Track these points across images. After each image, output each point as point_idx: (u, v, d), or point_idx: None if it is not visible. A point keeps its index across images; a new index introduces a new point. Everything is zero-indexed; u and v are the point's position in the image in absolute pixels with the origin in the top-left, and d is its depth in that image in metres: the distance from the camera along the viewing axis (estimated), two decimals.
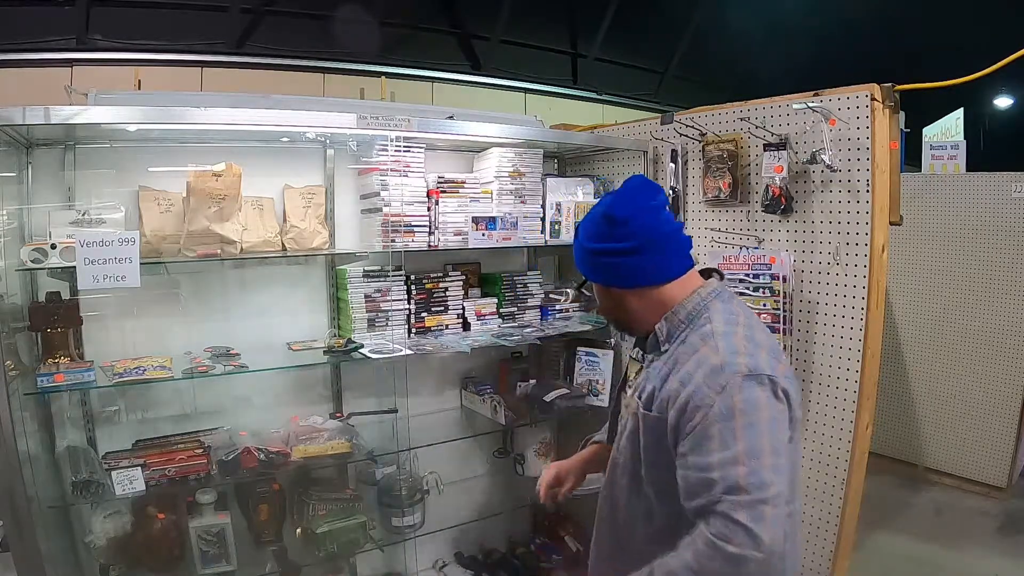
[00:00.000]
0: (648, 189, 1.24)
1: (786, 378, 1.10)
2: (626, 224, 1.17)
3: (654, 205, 1.20)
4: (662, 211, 1.21)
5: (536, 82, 6.28)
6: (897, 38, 6.65)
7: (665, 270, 1.20)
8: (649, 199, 1.21)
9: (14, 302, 1.80)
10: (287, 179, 2.23)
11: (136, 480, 1.75)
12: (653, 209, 1.20)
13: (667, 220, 1.21)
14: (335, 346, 2.13)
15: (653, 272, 1.20)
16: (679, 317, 1.19)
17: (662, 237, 1.19)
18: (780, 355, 1.16)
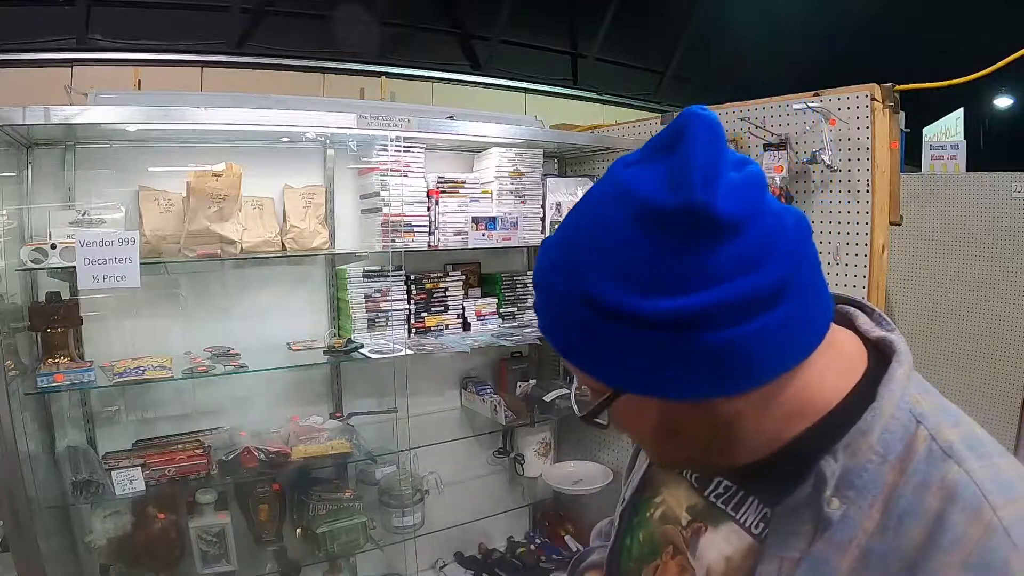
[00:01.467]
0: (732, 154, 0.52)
1: None
2: (750, 231, 0.49)
3: (764, 183, 0.52)
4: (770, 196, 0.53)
5: (536, 82, 6.28)
6: (897, 38, 6.65)
7: (815, 329, 0.54)
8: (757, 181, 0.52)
9: (14, 302, 1.80)
10: (287, 179, 2.23)
11: (136, 480, 1.75)
12: (767, 193, 0.52)
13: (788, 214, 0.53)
14: (335, 346, 2.13)
15: (801, 338, 0.53)
16: (870, 441, 0.52)
17: (810, 257, 0.53)
18: None
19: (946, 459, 0.50)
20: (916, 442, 0.52)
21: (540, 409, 2.44)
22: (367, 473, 2.28)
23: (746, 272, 0.47)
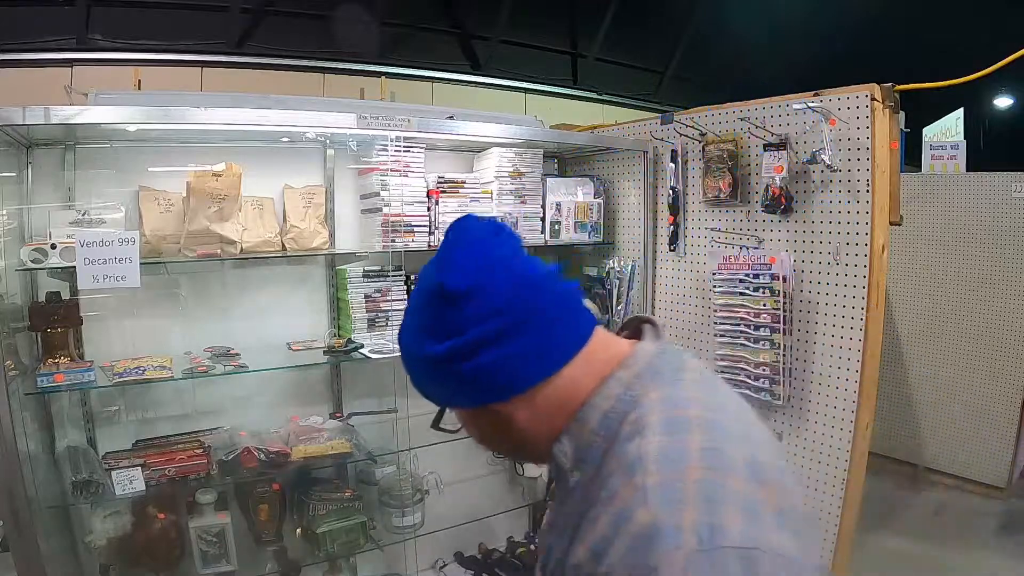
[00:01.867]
0: (489, 231, 0.75)
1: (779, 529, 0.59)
2: (477, 296, 0.69)
3: (506, 253, 0.73)
4: (521, 257, 0.74)
5: (536, 82, 6.28)
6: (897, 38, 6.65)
7: (558, 349, 0.72)
8: (496, 246, 0.73)
9: (14, 302, 1.80)
10: (287, 179, 2.23)
11: (136, 480, 1.75)
12: (507, 260, 0.72)
13: (535, 269, 0.73)
14: (335, 346, 2.13)
15: (540, 359, 0.71)
16: (589, 426, 0.70)
17: (540, 300, 0.71)
18: (770, 482, 0.63)
19: (635, 436, 0.65)
20: (626, 424, 0.67)
21: None
22: (367, 473, 2.28)
23: (476, 324, 0.69)
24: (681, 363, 0.74)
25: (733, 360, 2.11)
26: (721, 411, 0.69)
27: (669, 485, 0.59)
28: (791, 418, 2.04)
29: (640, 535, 0.57)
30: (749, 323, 2.05)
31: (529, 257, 0.75)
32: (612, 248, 2.64)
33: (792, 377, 2.01)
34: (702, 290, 2.31)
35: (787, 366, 2.00)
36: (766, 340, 2.02)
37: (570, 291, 0.75)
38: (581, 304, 0.75)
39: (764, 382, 2.04)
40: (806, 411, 2.00)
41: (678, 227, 2.37)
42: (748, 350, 2.06)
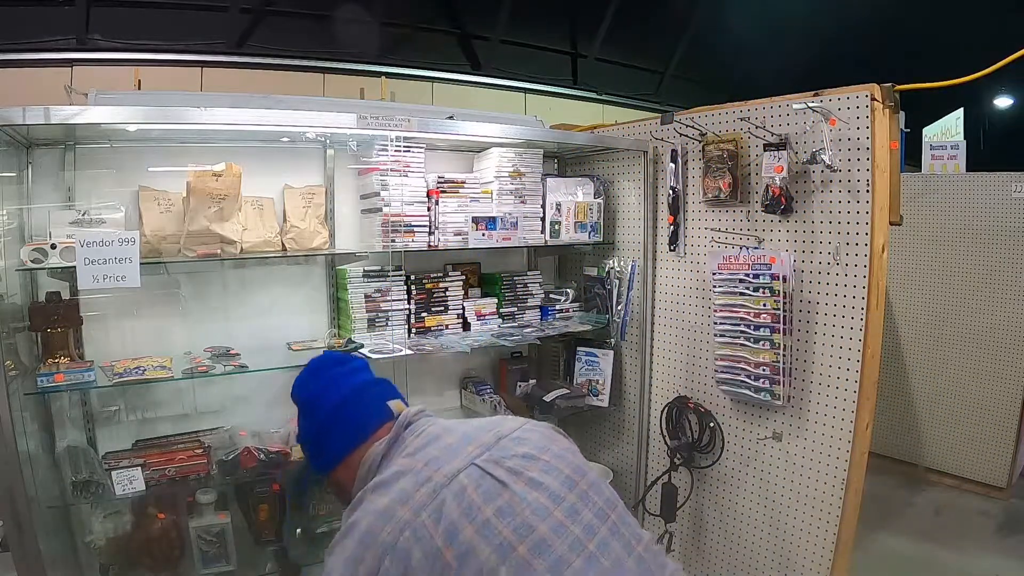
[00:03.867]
0: (326, 364, 1.23)
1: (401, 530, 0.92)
2: (310, 407, 1.18)
3: (335, 374, 1.19)
4: (347, 376, 1.19)
5: (536, 82, 6.29)
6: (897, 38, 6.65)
7: (350, 436, 1.13)
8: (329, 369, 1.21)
9: (14, 302, 1.80)
10: (287, 179, 2.23)
11: (136, 480, 1.75)
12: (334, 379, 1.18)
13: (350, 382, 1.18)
14: (335, 346, 2.13)
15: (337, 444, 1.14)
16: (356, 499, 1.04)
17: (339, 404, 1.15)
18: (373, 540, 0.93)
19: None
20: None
21: (540, 409, 2.44)
22: None
23: (307, 428, 1.18)
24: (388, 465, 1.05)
25: (733, 360, 2.11)
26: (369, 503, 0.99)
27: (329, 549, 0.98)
28: (791, 418, 2.04)
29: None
30: (749, 323, 2.05)
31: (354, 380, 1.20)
32: (612, 248, 2.64)
33: (792, 377, 2.01)
34: (702, 290, 2.31)
35: (787, 366, 2.00)
36: (766, 340, 2.02)
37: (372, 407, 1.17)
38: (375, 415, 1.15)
39: (764, 382, 2.04)
40: (806, 411, 2.00)
41: (678, 227, 2.38)
42: (748, 350, 2.06)
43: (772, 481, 2.11)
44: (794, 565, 2.05)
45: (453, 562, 0.88)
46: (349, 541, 0.94)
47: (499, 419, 1.11)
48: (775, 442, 2.08)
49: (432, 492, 0.94)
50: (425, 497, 0.94)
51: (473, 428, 1.07)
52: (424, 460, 1.00)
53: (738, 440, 2.20)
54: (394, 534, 0.91)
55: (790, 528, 2.06)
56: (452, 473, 0.96)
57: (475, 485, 0.95)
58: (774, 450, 2.09)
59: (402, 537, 0.91)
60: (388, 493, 0.97)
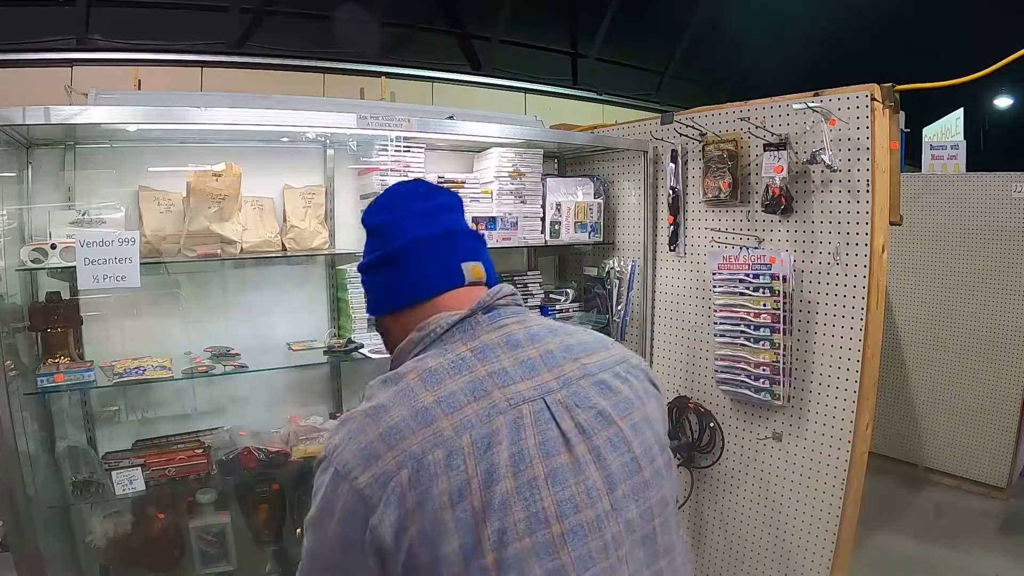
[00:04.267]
0: (414, 193, 0.99)
1: (379, 482, 0.73)
2: (376, 233, 0.97)
3: (415, 210, 0.96)
4: (426, 217, 0.96)
5: (536, 82, 6.28)
6: (897, 37, 6.65)
7: (406, 291, 0.93)
8: (411, 202, 0.97)
9: (14, 302, 1.80)
10: (287, 179, 2.23)
11: (136, 480, 1.75)
12: (412, 216, 0.95)
13: (427, 225, 0.95)
14: (335, 346, 2.13)
15: (393, 294, 0.94)
16: (396, 361, 0.92)
17: (406, 248, 0.92)
18: (400, 441, 0.75)
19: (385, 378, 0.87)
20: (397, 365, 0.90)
21: None
22: None
23: (373, 252, 0.96)
24: (448, 346, 0.86)
25: (733, 360, 2.11)
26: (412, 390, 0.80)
27: (349, 415, 0.83)
28: (791, 418, 2.04)
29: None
30: (749, 323, 2.05)
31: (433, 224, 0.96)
32: (612, 248, 2.64)
33: (792, 377, 2.01)
34: (702, 290, 2.31)
35: (787, 366, 2.00)
36: (766, 340, 2.02)
37: (439, 264, 0.94)
38: (440, 277, 0.93)
39: (764, 382, 2.04)
40: (806, 411, 2.00)
41: (678, 227, 2.37)
42: (748, 350, 2.06)
43: (772, 481, 2.11)
44: (794, 565, 2.05)
45: (481, 511, 0.72)
46: (371, 428, 0.77)
47: (594, 342, 0.91)
48: (775, 442, 2.08)
49: (486, 414, 0.77)
50: (476, 417, 0.76)
51: (560, 346, 0.87)
52: (490, 367, 0.81)
53: (738, 440, 2.20)
54: (424, 446, 0.74)
55: (790, 528, 2.06)
56: (516, 399, 0.79)
57: (537, 428, 0.78)
58: (774, 450, 2.09)
59: (432, 455, 0.73)
60: (435, 390, 0.78)
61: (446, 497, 0.72)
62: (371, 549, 0.73)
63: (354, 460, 0.76)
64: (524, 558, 0.73)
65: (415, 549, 0.72)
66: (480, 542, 0.72)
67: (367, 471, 0.74)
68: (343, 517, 0.75)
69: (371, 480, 0.74)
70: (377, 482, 0.73)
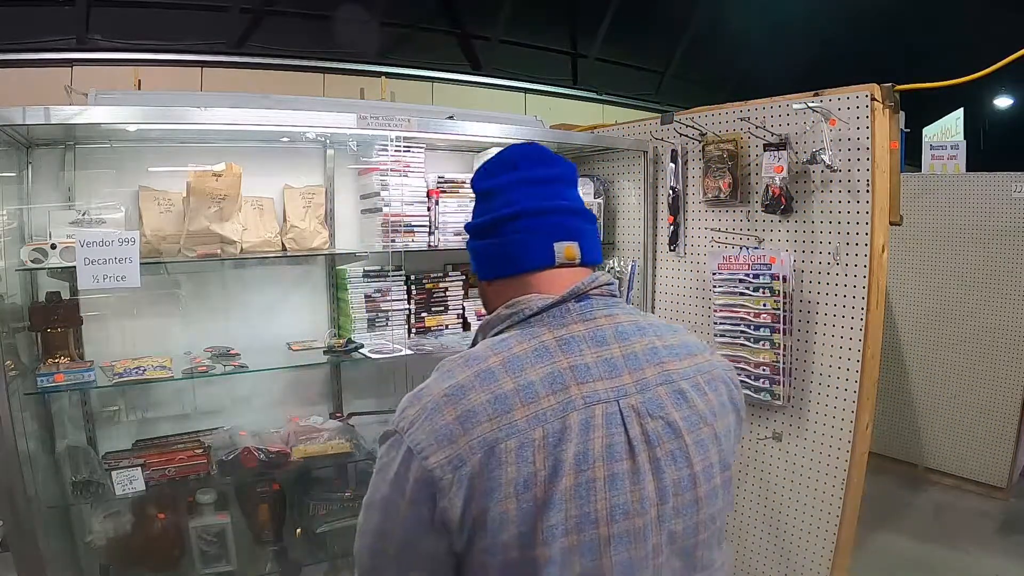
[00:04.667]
0: (529, 157, 0.95)
1: (451, 465, 0.74)
2: (486, 197, 0.95)
3: (530, 176, 0.92)
4: (538, 185, 0.92)
5: (536, 82, 6.28)
6: (897, 38, 6.65)
7: (503, 262, 0.92)
8: (526, 167, 0.93)
9: (14, 302, 1.80)
10: (287, 179, 2.23)
11: (136, 480, 1.75)
12: (524, 182, 0.92)
13: (534, 195, 0.92)
14: (335, 346, 2.13)
15: (491, 262, 0.93)
16: (482, 333, 0.93)
17: (511, 217, 0.90)
18: (476, 425, 0.76)
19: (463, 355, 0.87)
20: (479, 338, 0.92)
21: None
22: (367, 473, 2.28)
23: (478, 216, 0.95)
24: (533, 330, 0.85)
25: (733, 360, 2.11)
26: (494, 373, 0.80)
27: (420, 388, 0.82)
28: (791, 418, 2.04)
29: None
30: (749, 323, 2.05)
31: (540, 195, 0.92)
32: (612, 248, 2.64)
33: (792, 377, 2.01)
34: (702, 290, 2.31)
35: (787, 366, 2.00)
36: (766, 340, 2.02)
37: (537, 239, 0.90)
38: (536, 252, 0.90)
39: (764, 382, 2.04)
40: (806, 411, 2.00)
41: (678, 227, 2.37)
42: (748, 350, 2.06)
43: (772, 481, 2.11)
44: (794, 565, 2.05)
45: (540, 505, 0.74)
46: (448, 409, 0.77)
47: (682, 347, 0.89)
48: (775, 442, 2.08)
49: (561, 409, 0.77)
50: (551, 411, 0.77)
51: (645, 349, 0.85)
52: (572, 360, 0.81)
53: None
54: (498, 434, 0.75)
55: (790, 528, 2.06)
56: (592, 399, 0.79)
57: (606, 431, 0.78)
58: (774, 450, 2.09)
59: (505, 444, 0.75)
60: (515, 377, 0.78)
61: (512, 487, 0.74)
62: (439, 527, 0.75)
63: (427, 440, 0.75)
64: (569, 554, 0.74)
65: (477, 532, 0.74)
66: (535, 533, 0.74)
67: (440, 452, 0.75)
68: (413, 497, 0.76)
69: (444, 462, 0.74)
70: (450, 464, 0.74)
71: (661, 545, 0.80)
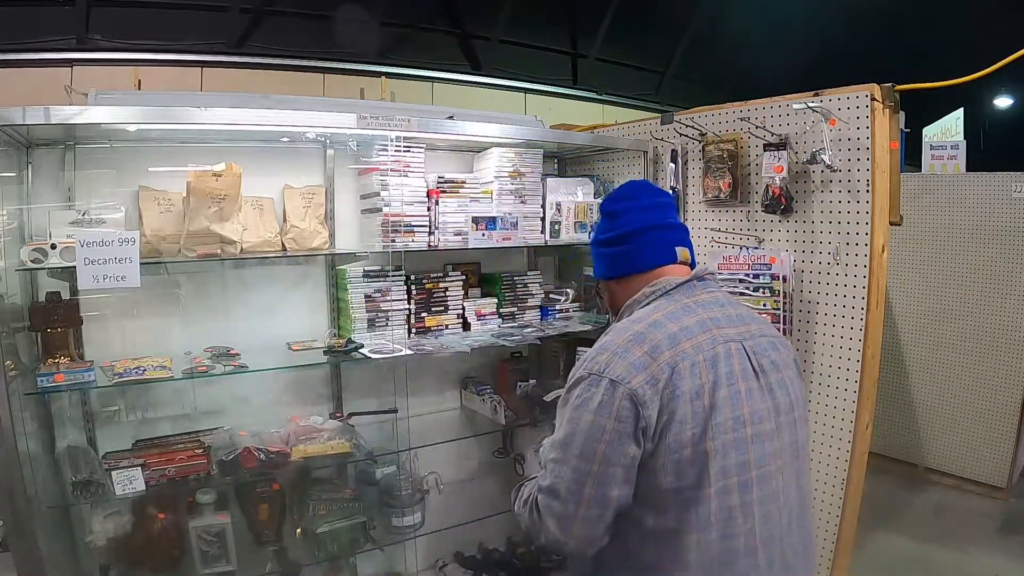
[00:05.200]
0: (645, 190, 1.35)
1: (655, 379, 1.06)
2: (611, 219, 1.31)
3: (645, 204, 1.30)
4: (653, 210, 1.30)
5: (536, 82, 6.29)
6: (897, 38, 6.65)
7: (635, 262, 1.27)
8: (643, 197, 1.32)
9: (14, 302, 1.80)
10: (287, 179, 2.23)
11: (136, 480, 1.75)
12: (640, 211, 1.29)
13: (653, 217, 1.29)
14: (335, 346, 2.13)
15: (624, 263, 1.28)
16: (628, 310, 1.27)
17: (639, 231, 1.27)
18: (667, 348, 1.09)
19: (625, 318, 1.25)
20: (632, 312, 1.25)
21: (540, 409, 2.44)
22: (367, 473, 2.28)
23: (608, 232, 1.30)
24: (686, 291, 1.21)
25: None
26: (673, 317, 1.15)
27: (604, 342, 1.16)
28: None
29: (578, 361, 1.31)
30: None
31: (666, 211, 1.32)
32: None
33: None
34: None
35: None
36: None
37: (670, 238, 1.28)
38: (672, 247, 1.27)
39: None
40: (806, 411, 2.00)
41: None
42: None
43: None
44: None
45: (708, 409, 1.06)
46: (636, 348, 1.08)
47: (755, 316, 1.28)
48: None
49: (712, 342, 1.11)
50: (706, 343, 1.10)
51: (744, 312, 1.24)
52: (708, 314, 1.16)
53: None
54: (676, 358, 1.07)
55: None
56: (727, 338, 1.13)
57: (740, 359, 1.12)
58: None
59: (681, 364, 1.07)
60: (678, 322, 1.12)
61: (688, 395, 1.05)
62: (638, 435, 1.05)
63: (627, 371, 1.07)
64: (727, 448, 1.06)
65: (665, 433, 1.05)
66: (705, 431, 1.05)
67: (639, 376, 1.06)
68: (621, 415, 1.05)
69: (643, 383, 1.06)
70: (648, 383, 1.05)
71: (781, 450, 1.13)
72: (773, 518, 1.10)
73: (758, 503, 1.08)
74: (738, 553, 1.06)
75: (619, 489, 1.07)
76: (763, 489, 1.09)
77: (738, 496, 1.06)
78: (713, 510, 1.04)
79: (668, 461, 1.04)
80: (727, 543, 1.05)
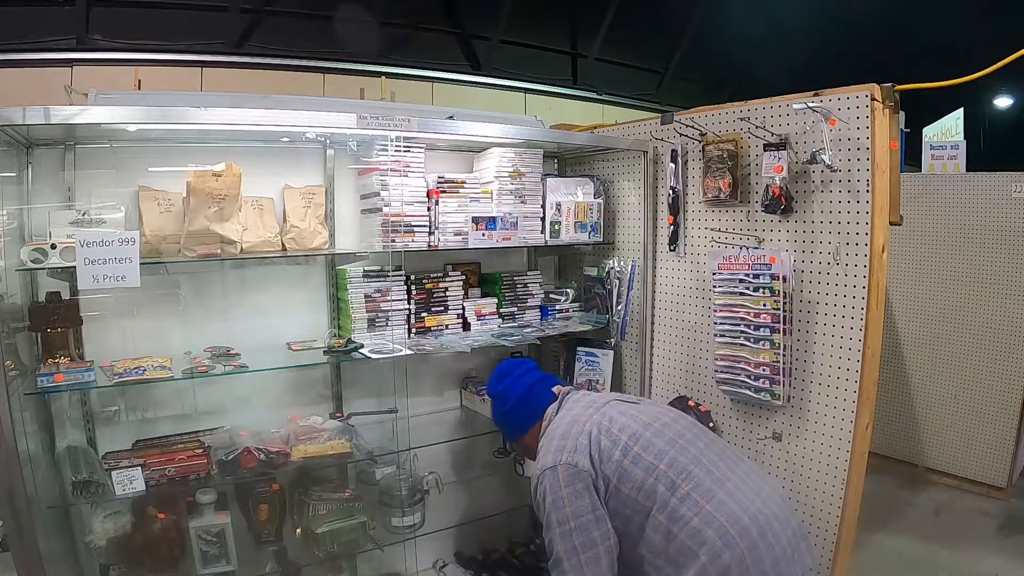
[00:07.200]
0: (513, 367, 2.06)
1: (574, 451, 1.68)
2: (502, 397, 2.00)
3: (517, 375, 2.02)
4: (524, 376, 2.01)
5: (536, 82, 6.29)
6: (897, 38, 6.65)
7: (532, 414, 1.94)
8: (514, 371, 2.04)
9: (14, 302, 1.80)
10: (287, 179, 2.23)
11: (136, 480, 1.75)
12: (517, 378, 2.01)
13: (526, 381, 2.00)
14: (335, 346, 2.13)
15: (525, 419, 1.96)
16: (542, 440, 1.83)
17: (524, 395, 1.97)
18: (571, 437, 1.72)
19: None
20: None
21: None
22: (367, 473, 2.28)
23: (504, 405, 2.03)
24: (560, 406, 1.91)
25: (733, 360, 2.11)
26: (567, 417, 1.83)
27: (542, 456, 1.78)
28: (791, 418, 2.04)
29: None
30: (749, 323, 2.05)
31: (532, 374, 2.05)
32: (612, 248, 2.64)
33: (792, 377, 2.01)
34: (702, 290, 2.31)
35: (787, 366, 2.00)
36: (766, 340, 2.02)
37: (546, 387, 2.00)
38: (544, 400, 1.96)
39: (764, 382, 2.04)
40: (806, 411, 2.00)
41: (678, 227, 2.38)
42: (748, 350, 2.06)
43: None
44: None
45: (622, 436, 1.70)
46: (564, 443, 1.71)
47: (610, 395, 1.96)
48: (775, 442, 2.08)
49: (596, 414, 1.77)
50: (596, 415, 1.77)
51: (596, 399, 1.89)
52: (583, 407, 1.83)
53: (738, 440, 2.20)
54: (583, 427, 1.73)
55: None
56: (601, 413, 1.78)
57: (617, 410, 1.79)
58: (774, 450, 2.09)
59: (593, 431, 1.71)
60: (576, 416, 1.78)
61: (605, 441, 1.70)
62: (598, 488, 1.65)
63: (565, 456, 1.68)
64: (644, 451, 1.68)
65: (604, 469, 1.67)
66: (627, 451, 1.68)
67: (572, 454, 1.68)
68: (576, 484, 1.64)
69: (572, 454, 1.68)
70: (576, 453, 1.68)
71: (682, 431, 1.77)
72: (714, 475, 1.63)
73: (693, 465, 1.64)
74: (711, 517, 1.56)
75: (597, 530, 1.62)
76: (685, 455, 1.65)
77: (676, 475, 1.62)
78: (669, 501, 1.60)
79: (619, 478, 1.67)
80: (697, 520, 1.56)
